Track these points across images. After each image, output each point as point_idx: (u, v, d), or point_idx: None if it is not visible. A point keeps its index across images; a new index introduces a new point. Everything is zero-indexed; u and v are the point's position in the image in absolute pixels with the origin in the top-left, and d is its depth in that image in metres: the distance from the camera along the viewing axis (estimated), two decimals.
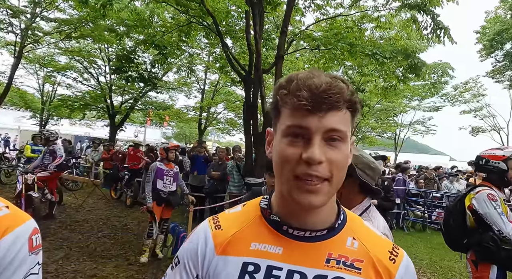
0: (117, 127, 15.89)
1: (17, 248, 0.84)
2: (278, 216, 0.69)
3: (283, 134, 0.62)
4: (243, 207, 0.78)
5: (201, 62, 16.16)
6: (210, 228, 0.73)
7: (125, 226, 6.58)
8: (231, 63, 6.30)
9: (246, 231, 0.71)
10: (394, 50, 5.47)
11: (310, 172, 0.59)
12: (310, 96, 0.58)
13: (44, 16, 10.61)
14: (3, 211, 0.88)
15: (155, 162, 4.90)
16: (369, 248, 0.69)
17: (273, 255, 0.66)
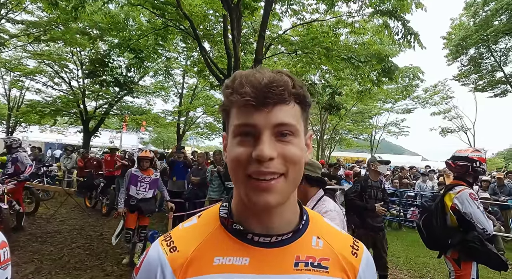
0: (91, 133, 15.34)
1: None
2: (240, 224, 0.65)
3: (233, 135, 0.60)
4: (199, 219, 0.71)
5: (178, 66, 15.97)
6: (164, 252, 0.64)
7: (101, 235, 6.33)
8: (209, 67, 6.27)
9: (206, 245, 0.65)
10: (368, 54, 5.66)
11: (262, 169, 0.56)
12: (253, 91, 0.56)
13: (10, 18, 10.11)
14: None
15: (131, 168, 4.79)
16: (333, 245, 0.69)
17: (240, 267, 0.62)
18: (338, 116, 10.00)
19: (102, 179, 8.69)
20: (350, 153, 38.93)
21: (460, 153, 2.73)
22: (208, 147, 44.60)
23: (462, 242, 2.48)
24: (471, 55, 18.69)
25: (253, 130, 0.58)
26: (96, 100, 15.46)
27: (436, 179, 9.72)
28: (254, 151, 0.56)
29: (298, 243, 0.66)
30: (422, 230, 2.81)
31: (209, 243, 0.65)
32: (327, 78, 9.84)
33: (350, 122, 24.54)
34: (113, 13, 7.95)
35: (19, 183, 5.94)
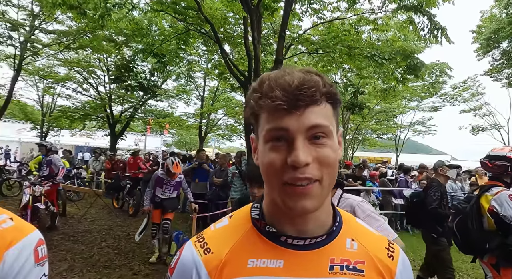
0: (118, 136, 15.91)
1: (22, 260, 0.83)
2: (273, 226, 0.64)
3: (265, 140, 0.59)
4: (231, 220, 0.71)
5: (199, 69, 16.25)
6: (198, 253, 0.64)
7: (128, 235, 6.53)
8: (230, 69, 6.32)
9: (240, 247, 0.64)
10: (392, 51, 5.48)
11: (298, 176, 0.55)
12: (283, 94, 0.55)
13: (43, 28, 10.70)
14: (7, 223, 0.87)
15: (158, 171, 5.03)
16: (368, 247, 0.67)
17: (274, 270, 0.61)
18: (361, 116, 9.77)
19: (129, 181, 8.98)
20: (373, 153, 37.92)
21: (497, 152, 2.57)
22: (229, 148, 44.97)
23: (501, 246, 2.32)
24: (504, 48, 17.67)
25: (285, 134, 0.56)
26: (122, 104, 16.04)
27: (468, 179, 9.26)
28: (289, 158, 0.55)
29: (333, 246, 0.65)
30: (455, 234, 2.67)
31: (242, 245, 0.64)
32: (349, 77, 9.65)
33: (373, 122, 23.92)
34: (137, 19, 8.21)
35: (54, 185, 6.25)
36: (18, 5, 10.64)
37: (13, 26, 10.08)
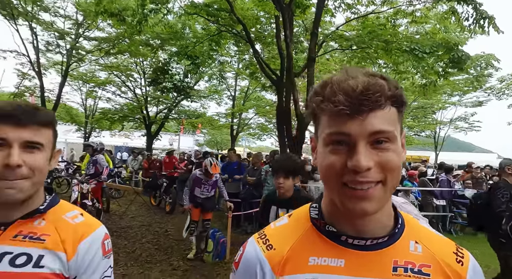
0: (154, 137, 16.61)
1: (92, 252, 0.91)
2: (332, 226, 0.65)
3: (325, 143, 0.59)
4: (290, 219, 0.74)
5: (231, 70, 16.49)
6: (262, 249, 0.67)
7: (166, 232, 6.79)
8: (262, 68, 6.35)
9: (300, 245, 0.66)
10: (434, 44, 5.17)
11: (358, 179, 0.55)
12: (347, 99, 0.54)
13: (86, 36, 11.43)
14: (78, 218, 0.95)
15: (196, 171, 5.17)
16: (434, 251, 0.65)
17: (335, 268, 0.62)
18: None
19: (165, 180, 9.33)
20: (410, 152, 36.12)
21: None
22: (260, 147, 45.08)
23: None
24: None
25: (347, 139, 0.56)
26: (157, 106, 16.73)
27: None
28: (349, 161, 0.55)
29: (395, 248, 0.64)
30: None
31: (302, 243, 0.66)
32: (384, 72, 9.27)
33: (410, 118, 22.78)
34: (171, 23, 8.51)
35: (99, 183, 6.66)
36: (64, 15, 11.47)
37: (60, 35, 10.87)
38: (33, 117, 0.82)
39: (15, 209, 0.84)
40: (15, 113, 0.80)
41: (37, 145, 0.83)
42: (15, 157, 0.78)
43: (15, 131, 0.80)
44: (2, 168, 0.78)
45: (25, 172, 0.80)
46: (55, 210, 0.92)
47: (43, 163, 0.85)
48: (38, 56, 11.48)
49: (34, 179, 0.83)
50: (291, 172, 2.14)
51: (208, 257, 5.11)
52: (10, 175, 0.78)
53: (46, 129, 0.86)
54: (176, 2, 7.71)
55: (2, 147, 0.79)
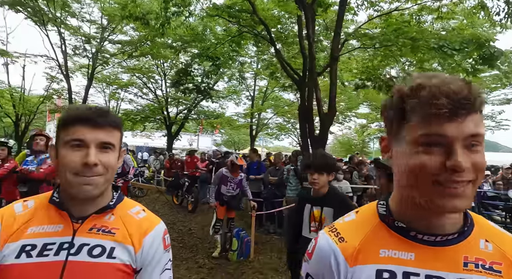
0: (174, 137, 16.93)
1: (155, 246, 0.97)
2: (402, 222, 0.69)
3: (414, 143, 0.61)
4: (358, 215, 0.79)
5: (248, 70, 16.57)
6: (334, 242, 0.73)
7: (190, 230, 6.92)
8: (284, 68, 6.36)
9: (370, 239, 0.71)
10: (464, 40, 5.01)
11: (454, 178, 0.58)
12: (449, 102, 0.57)
13: (111, 40, 11.80)
14: (141, 213, 1.02)
15: (222, 169, 5.27)
16: (505, 249, 0.67)
17: (406, 261, 0.66)
18: None
19: (187, 179, 9.50)
20: None
21: None
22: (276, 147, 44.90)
23: None
24: None
25: (443, 140, 0.59)
26: (177, 107, 17.04)
27: None
28: (448, 161, 0.58)
29: (465, 245, 0.67)
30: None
31: (372, 237, 0.71)
32: (408, 71, 9.05)
33: None
34: (192, 26, 8.64)
35: (125, 182, 6.86)
36: (90, 20, 11.90)
37: (87, 39, 11.29)
38: (107, 120, 0.89)
39: (89, 204, 0.92)
40: (93, 116, 0.88)
41: (110, 146, 0.90)
42: (92, 156, 0.85)
43: (92, 132, 0.87)
44: (81, 166, 0.85)
45: (100, 170, 0.87)
46: (121, 206, 0.99)
47: (114, 161, 0.92)
48: (66, 60, 11.97)
49: (107, 176, 0.90)
50: (326, 168, 2.13)
51: (233, 255, 5.18)
52: (88, 173, 0.85)
53: (116, 131, 0.93)
54: (198, 4, 7.84)
55: (80, 147, 0.86)
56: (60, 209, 0.90)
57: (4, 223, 0.88)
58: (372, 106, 21.29)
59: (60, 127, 0.89)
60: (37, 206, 0.93)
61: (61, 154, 0.87)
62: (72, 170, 0.85)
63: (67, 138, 0.87)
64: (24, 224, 0.88)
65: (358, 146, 31.28)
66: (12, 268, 0.83)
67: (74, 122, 0.87)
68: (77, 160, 0.84)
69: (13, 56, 12.75)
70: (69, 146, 0.86)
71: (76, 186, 0.85)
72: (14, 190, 4.46)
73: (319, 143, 6.13)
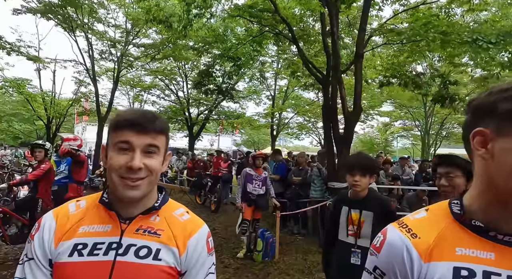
0: (195, 137, 17.18)
1: (199, 249, 0.96)
2: (479, 221, 0.68)
3: None
4: (428, 212, 0.78)
5: (269, 70, 16.53)
6: (407, 237, 0.72)
7: (214, 230, 6.96)
8: (307, 67, 6.27)
9: (444, 236, 0.70)
10: (500, 33, 4.72)
11: None
12: None
13: (135, 43, 12.13)
14: (185, 216, 1.01)
15: (246, 168, 5.29)
16: None
17: (486, 260, 0.65)
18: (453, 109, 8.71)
19: (210, 179, 9.59)
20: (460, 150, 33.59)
21: None
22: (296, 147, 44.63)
23: None
24: None
25: None
26: (198, 107, 17.29)
27: None
28: None
29: None
30: None
31: (447, 234, 0.71)
32: (436, 66, 8.69)
33: (460, 114, 21.15)
34: (214, 27, 8.72)
35: None
36: (115, 25, 12.30)
37: (112, 44, 11.67)
38: (154, 124, 0.90)
39: (135, 206, 0.92)
40: (140, 121, 0.88)
41: (154, 150, 0.90)
42: (137, 160, 0.86)
43: (138, 137, 0.88)
44: (126, 169, 0.86)
45: (145, 173, 0.88)
46: (166, 207, 0.99)
47: (158, 165, 0.92)
48: (93, 64, 12.43)
49: (151, 179, 0.90)
50: (369, 170, 2.04)
51: (258, 256, 5.16)
52: (132, 175, 0.86)
53: (162, 135, 0.93)
54: (219, 5, 7.90)
55: (126, 151, 0.88)
56: (109, 210, 0.92)
57: (58, 222, 0.91)
58: (396, 103, 20.66)
59: (110, 129, 0.92)
60: (89, 206, 0.95)
61: (109, 156, 0.89)
62: (117, 172, 0.86)
63: (115, 141, 0.89)
64: (77, 223, 0.91)
65: (381, 145, 30.54)
66: (66, 266, 0.85)
67: (122, 125, 0.88)
68: (123, 163, 0.86)
69: (45, 61, 13.39)
70: (117, 149, 0.88)
71: (121, 188, 0.87)
72: (49, 190, 4.68)
73: (344, 143, 6.00)
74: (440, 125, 20.54)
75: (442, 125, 20.79)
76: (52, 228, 0.90)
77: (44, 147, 4.58)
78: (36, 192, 4.54)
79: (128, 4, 11.78)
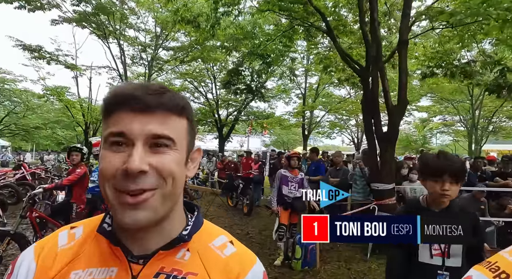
0: (225, 139, 17.15)
1: None
2: None
3: None
4: None
5: (298, 67, 16.09)
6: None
7: (247, 234, 6.69)
8: (345, 59, 5.81)
9: None
10: None
11: None
12: None
13: (164, 46, 12.29)
14: (229, 248, 0.66)
15: (280, 170, 5.02)
16: None
17: None
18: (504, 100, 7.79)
19: (241, 181, 9.35)
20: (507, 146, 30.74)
21: None
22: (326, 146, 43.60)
23: None
24: None
25: None
26: (227, 109, 17.26)
27: None
28: None
29: None
30: None
31: None
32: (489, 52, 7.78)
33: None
34: (242, 24, 8.50)
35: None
36: (145, 30, 12.53)
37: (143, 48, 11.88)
38: (161, 99, 0.55)
39: (151, 236, 0.59)
40: (139, 95, 0.53)
41: (166, 142, 0.55)
42: (137, 160, 0.51)
43: (137, 121, 0.53)
44: (121, 176, 0.52)
45: (152, 181, 0.53)
46: (200, 236, 0.65)
47: (176, 166, 0.56)
48: (125, 69, 12.77)
49: (166, 191, 0.55)
50: (461, 176, 1.58)
51: (297, 264, 4.78)
52: (132, 185, 0.52)
53: (178, 118, 0.57)
54: (247, 2, 7.65)
55: (121, 146, 0.53)
56: (112, 244, 0.59)
57: (40, 263, 0.58)
58: (437, 97, 19.26)
59: (102, 115, 0.57)
60: (87, 236, 0.62)
61: (100, 157, 0.56)
62: (109, 182, 0.53)
63: (105, 132, 0.55)
64: (67, 266, 0.58)
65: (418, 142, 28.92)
66: None
67: (113, 105, 0.55)
68: (115, 165, 0.52)
69: (81, 69, 13.97)
70: (108, 144, 0.54)
71: (118, 209, 0.53)
72: (83, 194, 4.64)
73: (388, 140, 5.45)
74: (488, 118, 18.79)
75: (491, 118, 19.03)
76: (30, 272, 0.58)
77: (81, 151, 4.59)
78: (70, 197, 4.53)
79: (157, 8, 11.94)
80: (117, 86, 0.59)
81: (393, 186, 5.41)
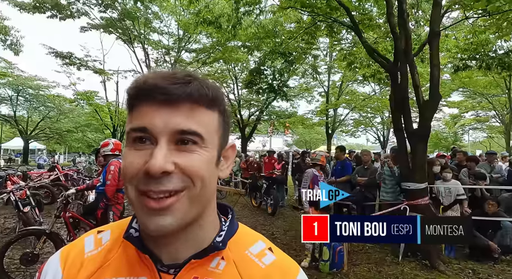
0: (248, 139, 17.17)
1: None
2: None
3: None
4: None
5: (321, 64, 15.83)
6: None
7: (273, 235, 6.61)
8: (371, 54, 5.59)
9: None
10: None
11: None
12: None
13: (187, 48, 12.50)
14: (268, 256, 0.59)
15: (311, 169, 4.90)
16: None
17: None
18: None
19: (265, 181, 9.29)
20: None
21: None
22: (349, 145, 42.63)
23: None
24: None
25: None
26: (249, 109, 17.28)
27: None
28: None
29: None
30: None
31: None
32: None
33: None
34: (263, 23, 8.45)
35: None
36: (168, 33, 12.82)
37: (166, 51, 12.15)
38: (188, 90, 0.48)
39: (180, 242, 0.53)
40: (164, 84, 0.47)
41: (194, 139, 0.49)
42: (159, 158, 0.45)
43: (161, 114, 0.47)
44: (143, 177, 0.47)
45: (178, 182, 0.47)
46: (235, 242, 0.58)
47: (206, 166, 0.50)
48: None
49: (193, 194, 0.48)
50: None
51: (325, 266, 4.65)
52: (154, 188, 0.46)
53: (206, 109, 0.51)
54: (268, 0, 7.60)
55: (144, 144, 0.48)
56: (141, 251, 0.54)
57: (66, 272, 0.55)
58: (469, 92, 18.27)
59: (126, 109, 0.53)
60: (114, 242, 0.58)
61: (122, 156, 0.51)
62: (132, 184, 0.48)
63: (127, 128, 0.50)
64: (95, 274, 0.54)
65: (449, 140, 27.59)
66: None
67: (135, 98, 0.49)
68: (136, 165, 0.47)
69: (108, 73, 14.50)
70: (130, 141, 0.49)
71: (141, 214, 0.48)
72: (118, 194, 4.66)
73: (419, 137, 5.18)
74: None
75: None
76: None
77: None
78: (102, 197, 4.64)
79: (179, 11, 12.16)
80: (141, 75, 0.53)
81: (426, 185, 5.14)
